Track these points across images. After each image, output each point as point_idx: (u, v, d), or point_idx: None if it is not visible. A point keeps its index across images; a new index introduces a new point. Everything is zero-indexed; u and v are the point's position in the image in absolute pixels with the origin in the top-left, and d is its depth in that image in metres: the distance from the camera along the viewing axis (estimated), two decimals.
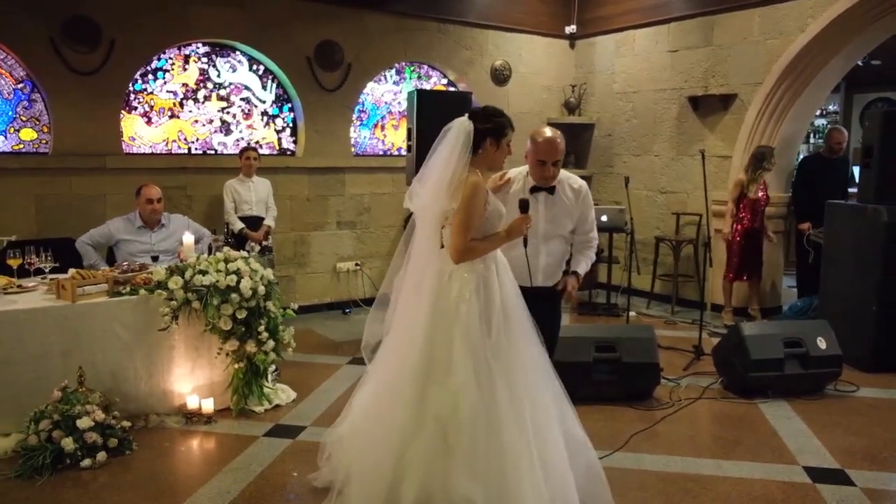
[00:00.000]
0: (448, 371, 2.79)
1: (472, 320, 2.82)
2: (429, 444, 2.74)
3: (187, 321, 4.12)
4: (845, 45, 6.15)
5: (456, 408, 2.73)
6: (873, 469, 3.63)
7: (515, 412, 2.75)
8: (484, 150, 2.96)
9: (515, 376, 2.82)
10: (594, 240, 3.60)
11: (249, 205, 6.07)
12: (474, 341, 2.80)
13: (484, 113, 3.00)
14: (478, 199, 2.87)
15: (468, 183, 2.87)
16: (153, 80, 6.17)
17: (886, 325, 5.13)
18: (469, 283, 2.88)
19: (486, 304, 2.87)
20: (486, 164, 3.02)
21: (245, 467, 3.57)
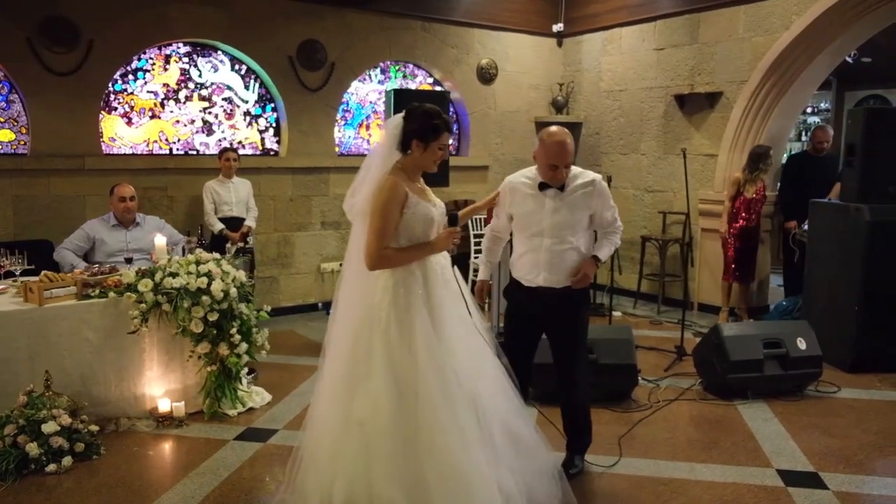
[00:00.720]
0: (368, 375, 2.74)
1: (392, 326, 2.75)
2: (353, 447, 2.70)
3: (158, 324, 4.08)
4: (830, 41, 6.10)
5: (376, 413, 2.69)
6: (847, 472, 3.59)
7: (448, 417, 2.68)
8: (412, 151, 2.86)
9: (447, 381, 2.73)
10: (619, 228, 3.47)
11: (229, 206, 6.03)
12: (394, 347, 2.73)
13: (416, 112, 2.87)
14: (393, 202, 2.75)
15: (384, 185, 2.77)
16: (133, 81, 6.13)
17: (868, 326, 5.09)
18: (388, 290, 2.79)
19: (407, 310, 2.77)
20: (415, 165, 2.88)
21: (212, 472, 3.54)
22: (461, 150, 8.03)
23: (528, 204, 3.35)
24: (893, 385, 4.91)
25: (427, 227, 2.86)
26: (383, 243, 2.77)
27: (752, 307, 6.69)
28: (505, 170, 8.09)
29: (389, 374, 2.71)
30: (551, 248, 3.31)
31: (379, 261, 2.78)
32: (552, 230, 3.30)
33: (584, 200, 3.31)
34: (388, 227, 2.77)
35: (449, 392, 2.71)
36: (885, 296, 5.07)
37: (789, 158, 7.35)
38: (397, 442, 2.65)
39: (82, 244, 4.88)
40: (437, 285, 2.87)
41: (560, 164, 3.22)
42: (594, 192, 3.32)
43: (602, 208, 3.37)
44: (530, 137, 8.29)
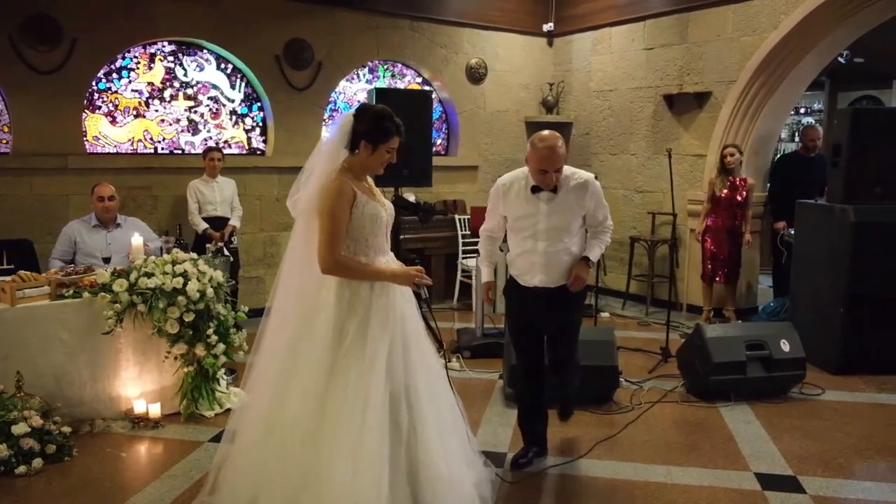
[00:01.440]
0: (296, 374, 2.73)
1: (327, 328, 2.72)
2: (275, 449, 2.71)
3: (134, 324, 4.05)
4: (818, 41, 6.06)
5: (295, 416, 2.69)
6: (826, 476, 3.55)
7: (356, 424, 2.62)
8: (359, 152, 2.80)
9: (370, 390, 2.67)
10: (609, 227, 3.47)
11: (214, 205, 5.99)
12: (322, 348, 2.70)
13: (368, 112, 2.82)
14: (341, 202, 2.69)
15: (330, 187, 2.71)
16: (118, 80, 6.10)
17: (853, 327, 5.05)
18: (332, 290, 2.76)
19: (348, 314, 2.73)
20: (361, 166, 2.83)
21: (184, 474, 3.50)
22: (450, 150, 8.00)
23: (522, 207, 3.35)
24: (878, 387, 4.87)
25: (375, 227, 2.82)
26: (338, 246, 2.72)
27: (739, 308, 6.66)
28: (494, 170, 8.07)
29: (315, 375, 2.69)
30: (546, 250, 3.32)
31: (335, 266, 2.72)
32: (547, 233, 3.31)
33: (577, 201, 3.32)
34: (340, 228, 2.72)
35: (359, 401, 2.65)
36: (870, 297, 5.03)
37: (779, 159, 7.32)
38: (308, 447, 2.63)
39: (67, 249, 4.81)
40: (384, 296, 2.81)
41: (550, 168, 3.21)
42: (587, 192, 3.32)
43: (595, 208, 3.38)
44: (520, 137, 8.27)
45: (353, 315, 2.74)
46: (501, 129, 8.12)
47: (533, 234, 3.34)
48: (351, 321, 2.73)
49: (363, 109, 2.85)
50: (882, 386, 4.89)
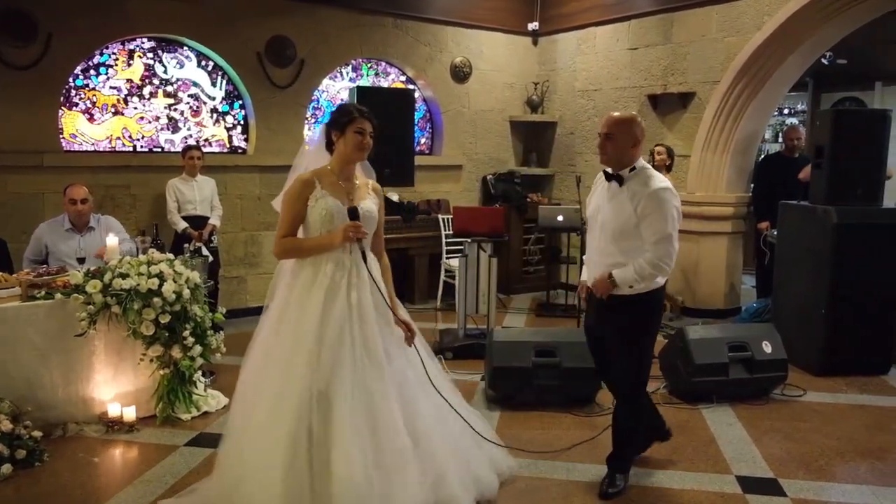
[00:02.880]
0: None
1: (290, 325, 2.87)
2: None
3: (108, 326, 3.97)
4: (802, 42, 6.06)
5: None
6: (807, 478, 3.54)
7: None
8: (336, 145, 2.97)
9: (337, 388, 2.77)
10: (661, 260, 3.05)
11: (193, 204, 5.91)
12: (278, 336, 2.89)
13: (334, 109, 3.08)
14: (297, 193, 2.90)
15: (295, 178, 2.93)
16: (95, 76, 6.00)
17: (835, 329, 5.05)
18: (296, 285, 2.92)
19: (292, 304, 2.90)
20: (342, 159, 2.98)
21: (158, 479, 3.44)
22: (434, 149, 7.95)
23: (597, 197, 3.35)
24: (860, 388, 4.88)
25: (324, 221, 2.92)
26: (282, 232, 2.93)
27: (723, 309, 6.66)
28: (479, 169, 8.05)
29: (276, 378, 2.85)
30: (599, 246, 3.29)
31: (279, 249, 2.95)
32: (602, 227, 3.25)
33: (632, 203, 3.10)
34: (289, 217, 2.92)
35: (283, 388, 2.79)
36: (852, 299, 5.04)
37: (763, 160, 7.32)
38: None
39: (39, 250, 4.69)
40: (325, 293, 2.88)
41: (602, 130, 3.19)
42: (644, 197, 3.07)
43: (645, 219, 3.07)
44: (505, 137, 8.24)
45: (290, 307, 2.92)
46: (486, 129, 8.08)
47: (593, 227, 3.34)
48: (289, 311, 2.92)
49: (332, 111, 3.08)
50: (863, 387, 4.90)
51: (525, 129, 8.35)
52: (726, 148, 6.60)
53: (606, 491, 3.32)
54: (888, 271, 5.07)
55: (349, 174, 3.01)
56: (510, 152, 8.30)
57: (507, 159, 8.26)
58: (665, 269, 3.09)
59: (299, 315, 2.85)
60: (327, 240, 2.89)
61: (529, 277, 7.93)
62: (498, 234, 5.56)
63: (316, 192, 2.89)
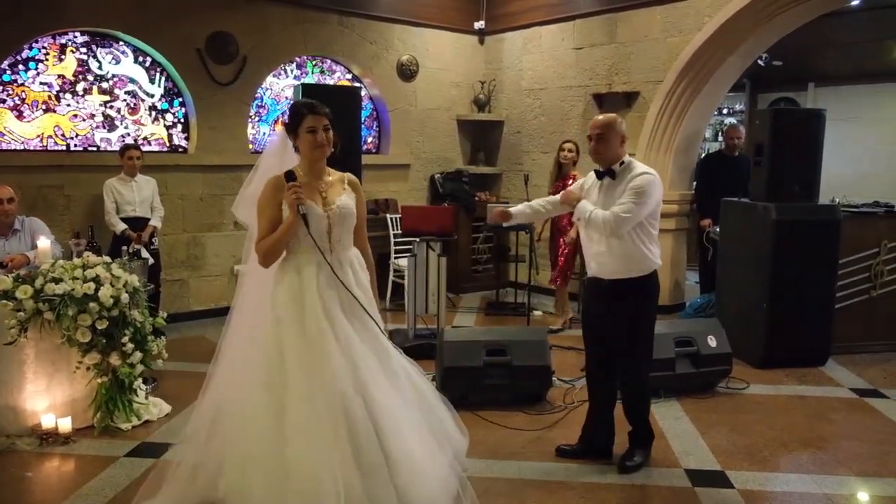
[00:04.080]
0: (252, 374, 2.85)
1: (276, 325, 2.82)
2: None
3: (40, 334, 3.78)
4: (740, 43, 6.22)
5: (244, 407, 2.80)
6: (753, 469, 3.62)
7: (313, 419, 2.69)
8: (297, 147, 2.93)
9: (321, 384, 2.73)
10: (619, 213, 3.32)
11: (132, 205, 5.69)
12: (271, 342, 2.82)
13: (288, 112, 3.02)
14: (269, 197, 2.83)
15: (265, 182, 2.86)
16: (24, 72, 5.72)
17: (775, 322, 5.19)
18: (274, 289, 2.88)
19: (295, 309, 2.82)
20: (305, 158, 2.93)
21: (97, 492, 3.29)
22: (381, 148, 7.87)
23: (591, 195, 3.57)
24: (799, 379, 5.02)
25: (314, 220, 2.86)
26: (259, 238, 2.86)
27: (667, 304, 6.77)
28: (426, 168, 8.01)
29: (262, 372, 2.80)
30: (599, 238, 3.47)
31: (259, 255, 2.86)
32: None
33: (623, 188, 3.39)
34: (265, 223, 2.84)
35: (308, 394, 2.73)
36: (791, 293, 5.18)
37: (704, 158, 7.50)
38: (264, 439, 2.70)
39: None
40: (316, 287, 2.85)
41: (591, 131, 3.46)
42: (631, 179, 3.38)
43: (626, 192, 3.38)
44: (452, 136, 8.22)
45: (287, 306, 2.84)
46: (433, 128, 8.05)
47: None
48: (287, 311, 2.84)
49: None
50: (803, 378, 5.05)
51: (472, 128, 8.34)
52: (669, 147, 6.72)
53: (626, 464, 3.55)
54: (825, 266, 5.24)
55: (319, 172, 2.94)
56: (458, 151, 8.28)
57: (454, 158, 8.24)
58: (609, 227, 3.33)
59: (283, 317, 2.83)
60: (290, 217, 2.81)
61: (478, 276, 7.93)
62: (447, 233, 5.54)
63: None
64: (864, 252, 5.56)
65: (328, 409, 2.68)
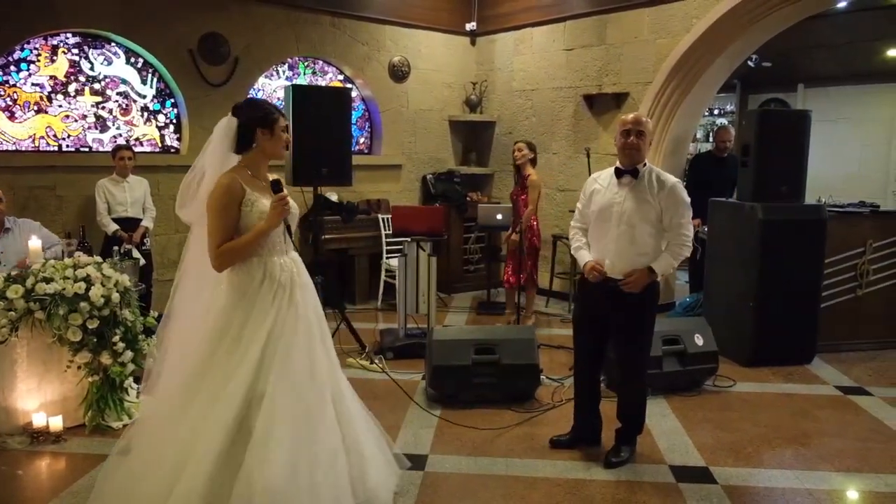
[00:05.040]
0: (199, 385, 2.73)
1: (217, 325, 2.75)
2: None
3: (31, 333, 3.80)
4: (728, 45, 6.27)
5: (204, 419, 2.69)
6: (737, 465, 3.67)
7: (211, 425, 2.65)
8: (258, 143, 2.83)
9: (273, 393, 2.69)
10: (684, 247, 3.50)
11: (124, 206, 5.73)
12: (223, 352, 2.72)
13: (247, 104, 2.90)
14: (226, 199, 2.71)
15: (218, 183, 2.74)
16: (16, 72, 5.75)
17: (762, 321, 5.25)
18: (223, 291, 2.79)
19: (231, 310, 2.76)
20: (265, 156, 2.87)
21: (87, 490, 3.28)
22: (374, 149, 7.91)
23: (608, 196, 3.58)
24: (785, 378, 5.08)
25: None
26: (220, 241, 2.73)
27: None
28: (419, 169, 8.05)
29: (218, 381, 2.70)
30: (618, 237, 3.51)
31: (219, 259, 2.74)
32: (620, 217, 3.51)
33: (653, 196, 3.46)
34: (224, 224, 2.73)
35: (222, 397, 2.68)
36: (778, 292, 5.24)
37: (693, 159, 7.55)
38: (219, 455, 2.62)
39: None
40: (271, 293, 2.80)
41: (632, 128, 3.44)
42: (665, 191, 3.45)
43: (670, 211, 3.49)
44: (444, 136, 8.26)
45: (237, 310, 2.76)
46: (425, 128, 8.09)
47: (609, 219, 3.49)
48: (235, 316, 2.75)
49: (239, 106, 2.88)
50: (789, 376, 5.10)
51: (464, 128, 8.39)
52: (659, 148, 6.77)
53: (612, 460, 3.60)
54: (811, 265, 5.30)
55: (265, 173, 2.91)
56: (450, 152, 8.33)
57: (446, 159, 8.28)
58: (689, 250, 3.54)
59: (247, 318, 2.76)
60: (263, 226, 2.75)
61: (470, 276, 7.97)
62: (437, 233, 5.57)
63: (249, 195, 2.75)
64: (850, 251, 5.62)
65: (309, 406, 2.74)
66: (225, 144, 2.81)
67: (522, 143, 6.23)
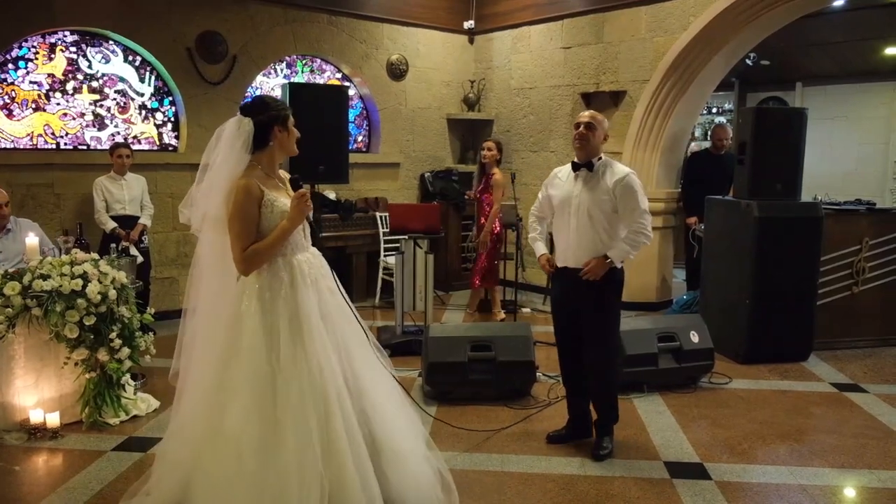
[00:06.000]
0: (237, 387, 2.65)
1: (259, 332, 2.67)
2: (221, 461, 2.61)
3: (28, 330, 3.82)
4: (725, 43, 6.29)
5: (246, 427, 2.60)
6: (731, 461, 3.68)
7: (303, 431, 2.60)
8: (275, 140, 2.80)
9: (312, 391, 2.65)
10: (642, 237, 3.55)
11: (122, 204, 5.73)
12: (260, 355, 2.66)
13: (260, 103, 2.84)
14: (248, 201, 2.67)
15: (237, 187, 2.68)
16: (14, 70, 5.76)
17: (758, 318, 5.26)
18: (254, 295, 2.72)
19: (273, 315, 2.70)
20: (281, 153, 2.87)
21: (83, 486, 3.33)
22: (371, 147, 7.92)
23: (566, 188, 3.67)
24: (781, 375, 5.09)
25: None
26: (245, 245, 2.68)
27: (655, 301, 6.83)
28: (416, 167, 8.06)
29: (254, 385, 2.63)
30: (577, 229, 3.60)
31: (246, 263, 2.70)
32: (578, 209, 3.60)
33: (609, 188, 3.54)
34: (249, 228, 2.69)
35: (310, 402, 2.63)
36: (773, 289, 5.25)
37: (691, 157, 7.57)
38: (262, 457, 2.57)
39: None
40: (307, 289, 2.78)
41: (581, 121, 3.58)
42: (618, 183, 3.52)
43: (623, 202, 3.56)
44: (442, 134, 8.27)
45: (278, 315, 2.70)
46: (423, 126, 8.10)
47: (568, 211, 3.60)
48: (279, 321, 2.70)
49: (251, 105, 2.84)
50: (785, 373, 5.12)
51: (462, 126, 8.40)
52: (656, 145, 6.78)
53: (598, 453, 3.67)
54: (807, 262, 5.31)
55: (278, 171, 2.91)
56: (448, 150, 8.34)
57: (444, 157, 8.29)
58: (648, 236, 3.56)
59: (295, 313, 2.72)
60: (287, 224, 2.72)
61: (468, 274, 7.96)
62: (434, 231, 5.59)
63: (267, 195, 2.72)
64: (846, 249, 5.64)
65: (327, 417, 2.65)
66: (238, 145, 2.72)
67: (492, 142, 6.26)
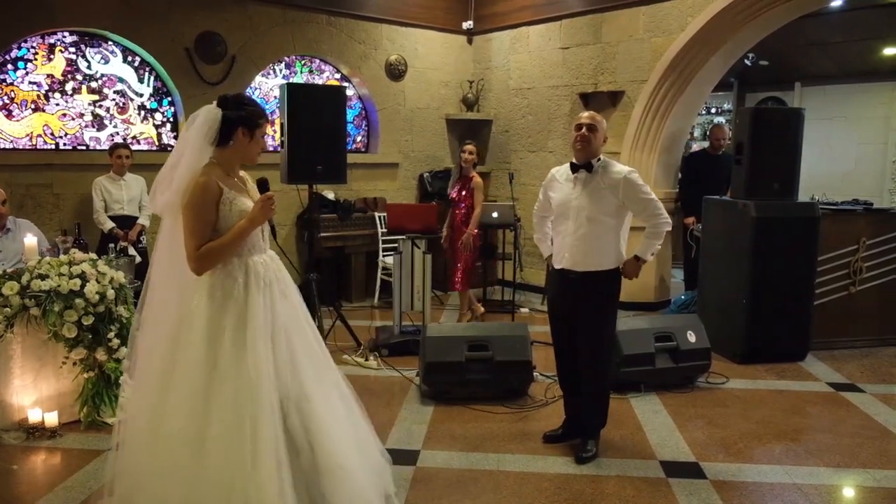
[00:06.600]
0: (173, 385, 2.61)
1: (201, 332, 2.61)
2: (159, 463, 2.60)
3: (26, 329, 3.83)
4: (723, 43, 6.30)
5: (180, 426, 2.56)
6: (726, 461, 3.69)
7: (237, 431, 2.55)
8: (236, 142, 2.70)
9: (252, 394, 2.58)
10: (661, 224, 3.55)
11: (121, 204, 5.76)
12: (196, 353, 2.60)
13: (236, 100, 2.75)
14: (204, 200, 2.59)
15: (195, 184, 2.60)
16: (13, 71, 5.78)
17: (755, 318, 5.27)
18: (205, 293, 2.65)
19: (222, 313, 2.63)
20: (239, 157, 2.76)
21: (81, 485, 3.34)
22: (370, 147, 7.93)
23: (564, 189, 3.64)
24: (778, 374, 5.10)
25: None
26: (199, 243, 2.60)
27: (653, 301, 6.84)
28: (415, 167, 8.07)
29: (191, 380, 2.58)
30: (577, 231, 3.59)
31: (200, 261, 2.61)
32: (578, 211, 3.58)
33: (610, 189, 3.53)
34: (203, 225, 2.61)
35: (244, 403, 2.57)
36: (771, 289, 5.26)
37: (688, 157, 7.58)
38: (194, 457, 2.54)
39: None
40: (259, 293, 2.70)
41: (583, 122, 3.54)
42: (620, 185, 3.51)
43: (632, 202, 3.58)
44: (441, 135, 8.29)
45: (227, 313, 2.64)
46: (422, 127, 8.11)
47: (567, 214, 3.57)
48: (226, 318, 2.63)
49: (228, 98, 2.75)
50: (781, 373, 5.13)
51: (461, 127, 8.41)
52: (654, 146, 6.79)
53: (581, 455, 3.65)
54: (804, 262, 5.32)
55: (238, 172, 2.83)
56: (446, 150, 8.35)
57: (443, 157, 8.31)
58: (667, 220, 3.59)
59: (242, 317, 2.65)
60: (246, 224, 2.65)
61: None
62: (432, 231, 5.60)
63: (226, 194, 2.64)
64: (843, 249, 5.65)
65: (256, 419, 2.56)
66: (203, 133, 2.64)
67: (472, 145, 6.16)
